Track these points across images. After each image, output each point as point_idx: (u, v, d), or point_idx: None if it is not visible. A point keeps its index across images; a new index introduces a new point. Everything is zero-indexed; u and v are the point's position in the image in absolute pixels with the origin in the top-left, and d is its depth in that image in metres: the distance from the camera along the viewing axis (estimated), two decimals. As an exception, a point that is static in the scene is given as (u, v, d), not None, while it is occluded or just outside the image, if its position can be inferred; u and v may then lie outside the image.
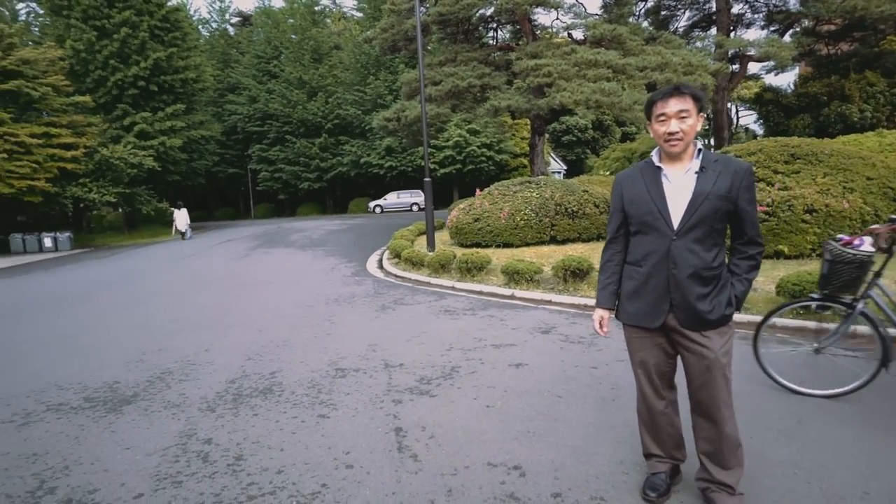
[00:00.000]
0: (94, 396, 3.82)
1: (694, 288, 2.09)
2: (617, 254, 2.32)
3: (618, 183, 2.29)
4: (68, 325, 6.34)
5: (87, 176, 19.93)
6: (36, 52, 19.39)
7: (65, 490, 2.57)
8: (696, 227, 2.08)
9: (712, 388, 2.13)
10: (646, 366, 2.27)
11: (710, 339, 2.11)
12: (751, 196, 2.13)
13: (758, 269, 2.20)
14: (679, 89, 2.09)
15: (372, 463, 2.72)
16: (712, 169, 2.11)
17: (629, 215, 2.23)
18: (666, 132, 2.08)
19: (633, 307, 2.23)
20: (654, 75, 15.90)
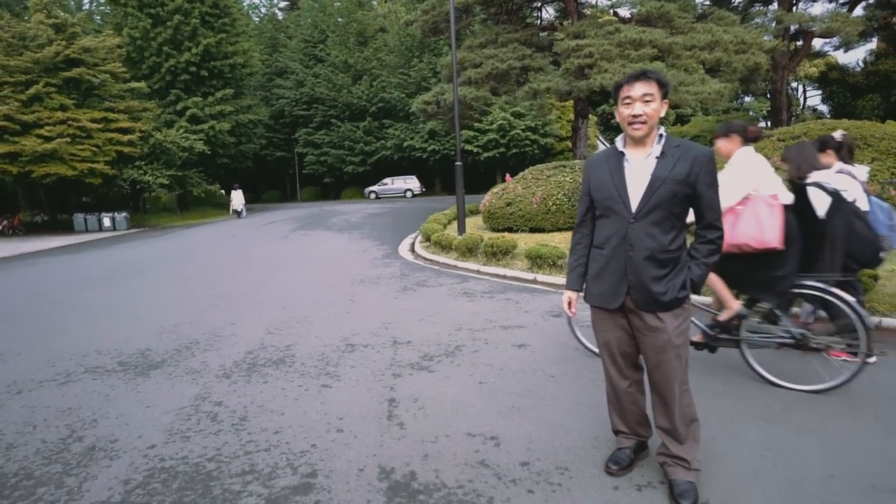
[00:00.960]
0: (127, 361, 4.21)
1: (650, 270, 2.14)
2: (585, 237, 2.38)
3: (586, 168, 2.35)
4: (117, 298, 6.89)
5: (143, 159, 21.09)
6: (96, 41, 20.53)
7: (91, 439, 2.91)
8: (653, 210, 2.13)
9: (666, 368, 2.19)
10: (609, 346, 2.35)
11: (664, 320, 2.17)
12: (710, 181, 2.15)
13: (717, 254, 2.22)
14: (645, 74, 2.14)
15: (361, 428, 2.92)
16: (672, 154, 2.15)
17: (594, 199, 2.29)
18: (630, 115, 2.12)
19: (597, 289, 2.30)
20: (703, 55, 15.23)
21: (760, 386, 3.31)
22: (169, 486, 2.42)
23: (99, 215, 20.21)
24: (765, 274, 3.25)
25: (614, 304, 2.24)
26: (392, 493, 2.31)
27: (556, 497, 2.25)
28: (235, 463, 2.60)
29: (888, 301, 4.95)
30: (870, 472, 2.34)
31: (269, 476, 2.47)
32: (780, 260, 3.20)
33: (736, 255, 3.28)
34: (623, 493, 2.26)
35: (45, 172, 18.50)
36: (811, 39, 21.38)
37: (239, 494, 2.34)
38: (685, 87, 14.26)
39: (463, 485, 2.36)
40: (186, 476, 2.50)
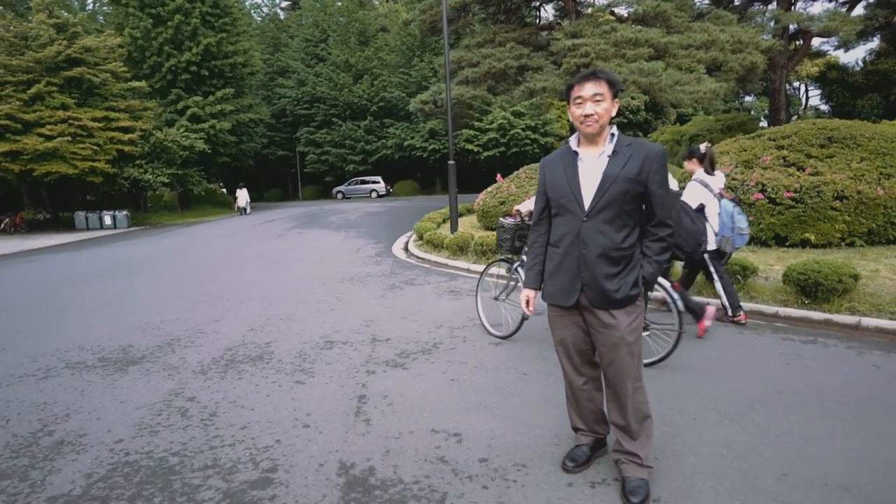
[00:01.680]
0: (107, 357, 4.25)
1: (602, 268, 2.16)
2: (542, 235, 2.39)
3: (541, 167, 2.37)
4: (108, 295, 6.94)
5: (143, 158, 21.19)
6: (97, 41, 20.64)
7: (60, 433, 2.94)
8: (605, 208, 2.15)
9: (619, 365, 2.21)
10: (565, 343, 2.37)
11: (617, 317, 2.18)
12: (661, 179, 2.17)
13: (668, 251, 2.24)
14: (595, 74, 2.16)
15: (327, 424, 2.95)
16: (623, 153, 2.16)
17: (549, 198, 2.31)
18: (582, 114, 2.14)
19: (552, 286, 2.32)
20: (699, 54, 15.21)
21: (728, 385, 3.32)
22: (130, 480, 2.45)
23: (100, 213, 20.33)
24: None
25: (569, 302, 2.26)
26: (348, 489, 2.33)
27: (509, 493, 2.27)
28: (199, 457, 2.63)
29: (869, 301, 4.94)
30: (825, 471, 2.35)
31: (230, 471, 2.51)
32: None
33: None
34: (576, 489, 2.28)
35: (47, 171, 18.62)
36: (810, 39, 21.29)
37: (198, 488, 2.37)
38: (681, 86, 14.25)
39: (419, 480, 2.38)
40: (149, 470, 2.53)
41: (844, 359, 3.76)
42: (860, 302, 4.93)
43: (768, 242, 7.66)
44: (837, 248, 7.26)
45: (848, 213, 7.12)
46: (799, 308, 4.98)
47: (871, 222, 7.13)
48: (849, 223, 7.14)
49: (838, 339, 4.23)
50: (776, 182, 7.51)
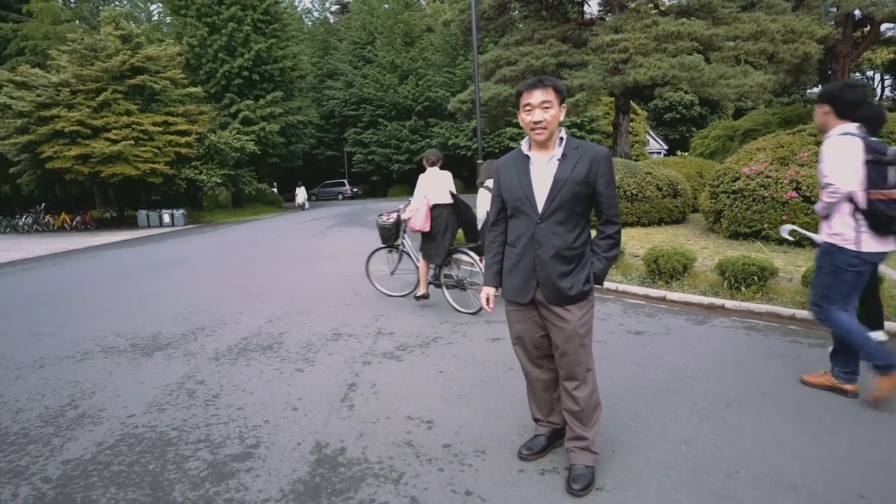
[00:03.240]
0: (137, 343, 4.68)
1: (556, 267, 2.26)
2: (499, 235, 2.49)
3: (496, 170, 2.47)
4: (153, 286, 7.53)
5: (199, 159, 22.44)
6: (158, 50, 22.01)
7: (84, 407, 3.32)
8: (557, 211, 2.25)
9: (572, 355, 2.31)
10: (521, 338, 2.48)
11: (570, 312, 2.29)
12: (608, 179, 2.26)
13: (617, 248, 2.34)
14: (542, 82, 2.25)
15: (313, 408, 3.18)
16: (572, 156, 2.26)
17: (505, 200, 2.40)
18: (531, 121, 2.24)
19: (510, 284, 2.42)
20: (747, 45, 14.61)
21: (712, 385, 3.32)
22: (133, 449, 2.77)
23: (159, 212, 21.72)
24: (426, 246, 5.48)
25: (525, 299, 2.36)
26: (317, 465, 2.54)
27: (461, 476, 2.41)
28: (195, 433, 2.92)
29: (893, 305, 4.73)
30: (779, 470, 2.36)
31: (219, 445, 2.78)
32: (433, 238, 5.39)
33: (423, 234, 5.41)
34: (526, 475, 2.40)
35: (112, 172, 20.05)
36: (878, 25, 19.93)
37: (187, 458, 2.65)
38: (725, 80, 13.75)
39: (382, 461, 2.56)
40: (150, 441, 2.84)
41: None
42: (886, 306, 4.71)
43: (802, 243, 7.34)
44: (877, 248, 6.87)
45: (889, 212, 6.73)
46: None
47: None
48: (890, 222, 6.74)
49: (851, 343, 4.08)
50: (811, 180, 7.20)
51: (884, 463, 2.39)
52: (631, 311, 5.25)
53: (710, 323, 4.77)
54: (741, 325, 4.68)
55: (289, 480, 2.42)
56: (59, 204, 26.25)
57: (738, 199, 8.10)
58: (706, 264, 6.64)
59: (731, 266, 5.49)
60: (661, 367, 3.65)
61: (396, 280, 6.24)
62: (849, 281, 2.97)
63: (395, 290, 6.19)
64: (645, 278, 6.30)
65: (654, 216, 10.84)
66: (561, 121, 2.27)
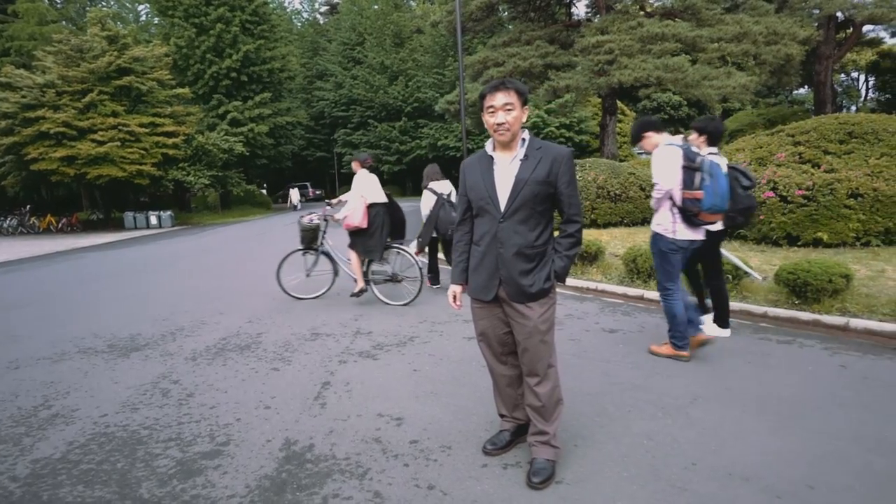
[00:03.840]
0: (115, 344, 4.69)
1: (518, 265, 2.31)
2: (466, 234, 2.53)
3: (462, 170, 2.51)
4: (136, 288, 7.51)
5: (186, 161, 22.36)
6: (145, 50, 21.92)
7: (57, 408, 3.33)
8: (518, 210, 2.29)
9: (534, 351, 2.36)
10: (486, 334, 2.52)
11: (532, 309, 2.34)
12: (568, 179, 2.31)
13: (578, 246, 2.39)
14: (504, 84, 2.28)
15: (286, 406, 3.21)
16: (534, 156, 2.30)
17: (470, 199, 2.45)
18: (494, 123, 2.28)
19: (475, 282, 2.46)
20: (730, 47, 14.81)
21: (679, 382, 3.39)
22: (103, 448, 2.78)
23: (146, 214, 21.59)
24: (364, 242, 5.80)
25: (489, 296, 2.41)
26: (285, 461, 2.58)
27: (425, 470, 2.46)
28: (166, 431, 2.95)
29: (863, 302, 4.83)
30: (735, 462, 2.42)
31: (189, 443, 2.80)
32: (371, 235, 5.75)
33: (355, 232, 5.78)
34: (488, 469, 2.45)
35: (98, 174, 19.94)
36: (860, 27, 20.26)
37: (157, 457, 2.67)
38: (708, 81, 13.92)
39: (349, 457, 2.60)
40: (120, 440, 2.86)
41: (814, 359, 3.74)
42: (854, 303, 4.83)
43: (779, 242, 7.48)
44: (852, 247, 7.02)
45: (863, 212, 6.87)
46: (789, 309, 4.91)
47: (889, 221, 6.86)
48: (864, 222, 6.89)
49: (819, 340, 4.18)
50: (788, 180, 7.33)
51: (835, 454, 2.46)
52: (608, 310, 5.32)
53: (684, 321, 4.84)
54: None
55: (255, 477, 2.45)
56: (45, 206, 25.99)
57: (718, 199, 8.20)
58: (684, 263, 6.73)
59: (707, 265, 5.58)
60: (632, 364, 3.72)
61: (311, 282, 6.24)
62: (672, 262, 3.72)
63: (308, 292, 6.23)
64: (624, 277, 6.38)
65: (638, 216, 10.95)
66: (523, 122, 2.32)
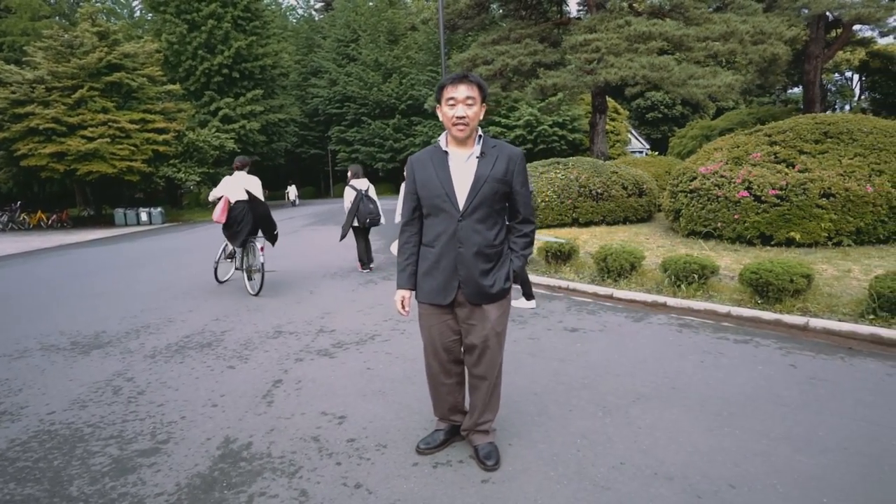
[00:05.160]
0: (78, 341, 4.69)
1: (478, 265, 2.28)
2: (413, 235, 2.44)
3: (410, 166, 2.44)
4: (112, 285, 7.50)
5: (177, 157, 22.30)
6: (136, 47, 21.83)
7: (7, 405, 3.34)
8: (478, 208, 2.26)
9: (490, 352, 2.39)
10: (433, 340, 2.46)
11: (490, 310, 2.35)
12: (523, 179, 2.34)
13: (532, 246, 2.43)
14: (467, 77, 2.25)
15: (233, 405, 3.23)
16: (490, 154, 2.29)
17: (421, 198, 2.37)
18: (454, 116, 2.22)
19: (428, 285, 2.38)
20: (716, 46, 14.78)
21: (626, 381, 3.42)
22: (43, 445, 2.80)
23: (137, 210, 21.55)
24: (229, 233, 6.66)
25: (447, 300, 2.33)
26: (220, 460, 2.59)
27: (357, 469, 2.47)
28: (109, 429, 2.96)
29: (825, 302, 4.87)
30: (662, 461, 2.45)
31: (129, 441, 2.81)
32: (233, 228, 6.53)
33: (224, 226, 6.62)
34: (418, 468, 2.46)
35: (88, 170, 19.88)
36: (850, 27, 20.27)
37: (94, 454, 2.68)
38: (694, 80, 13.92)
39: (285, 455, 2.62)
40: (62, 438, 2.87)
41: (765, 359, 3.76)
42: (816, 302, 4.86)
43: (753, 241, 7.51)
44: (824, 247, 7.06)
45: (835, 212, 6.91)
46: (752, 308, 4.94)
47: (860, 221, 6.89)
48: (835, 221, 6.93)
49: (776, 340, 4.22)
50: (762, 179, 7.36)
51: (763, 454, 2.49)
52: (574, 309, 5.34)
53: (647, 320, 4.88)
54: (676, 322, 4.80)
55: (188, 475, 2.46)
56: (38, 202, 25.91)
57: (695, 199, 8.25)
58: (659, 262, 6.76)
59: (674, 264, 5.61)
60: (584, 364, 3.74)
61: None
62: None
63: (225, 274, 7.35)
64: (595, 276, 6.40)
65: (620, 215, 10.98)
66: (481, 119, 2.31)
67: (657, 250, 7.80)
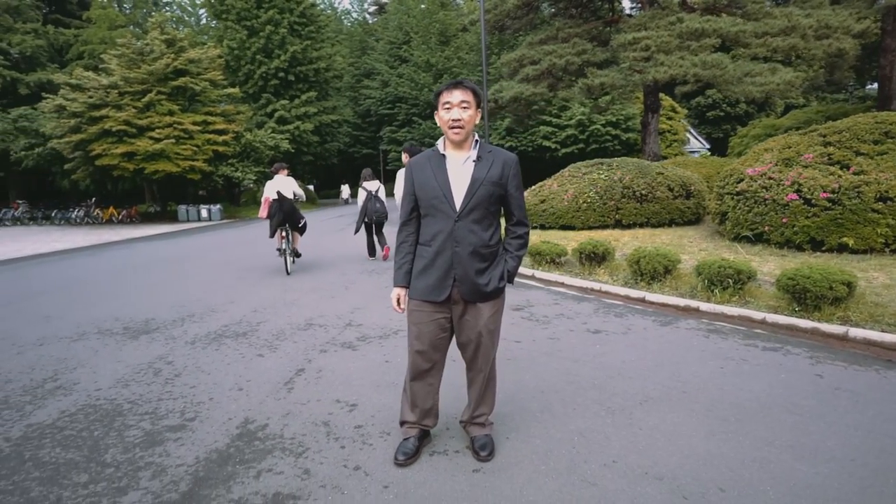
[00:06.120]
0: (130, 327, 5.12)
1: (474, 264, 2.38)
2: (410, 235, 2.53)
3: (409, 169, 2.54)
4: (167, 276, 8.07)
5: (235, 157, 23.44)
6: (200, 53, 23.12)
7: (62, 381, 3.72)
8: (474, 209, 2.37)
9: (484, 348, 2.50)
10: (422, 338, 2.51)
11: (483, 308, 2.45)
12: (518, 182, 2.44)
13: (526, 247, 2.52)
14: (462, 83, 2.36)
15: (257, 390, 3.46)
16: (486, 158, 2.40)
17: (419, 199, 2.46)
18: (450, 119, 2.33)
19: (422, 283, 2.46)
20: (776, 42, 14.10)
21: (637, 383, 3.41)
22: (88, 417, 3.12)
23: (198, 207, 22.84)
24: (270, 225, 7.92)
25: (441, 297, 2.41)
26: (237, 438, 2.81)
27: (359, 453, 2.62)
28: (145, 406, 3.25)
29: (869, 311, 4.63)
30: (655, 462, 2.46)
31: (161, 417, 3.09)
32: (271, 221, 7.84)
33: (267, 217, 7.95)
34: (416, 456, 2.58)
35: (155, 169, 21.24)
36: (933, 17, 18.71)
37: (129, 427, 2.97)
38: (750, 77, 13.34)
39: (295, 437, 2.80)
40: (104, 411, 3.19)
41: (791, 367, 3.65)
42: (858, 311, 4.63)
43: (802, 246, 7.16)
44: (881, 254, 6.64)
45: (892, 216, 6.49)
46: (788, 315, 4.76)
47: (918, 226, 6.44)
48: (893, 227, 6.50)
49: (809, 349, 4.06)
50: (813, 182, 7.01)
51: (762, 460, 2.45)
52: (602, 312, 5.31)
53: (675, 325, 4.80)
54: (705, 327, 4.69)
55: (207, 450, 2.69)
56: (111, 198, 27.88)
57: (741, 201, 7.94)
58: (694, 266, 6.59)
59: (707, 268, 5.46)
60: (598, 365, 3.75)
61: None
62: None
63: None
64: (629, 279, 6.32)
65: (665, 217, 10.68)
66: (476, 123, 2.42)
67: (699, 254, 7.58)
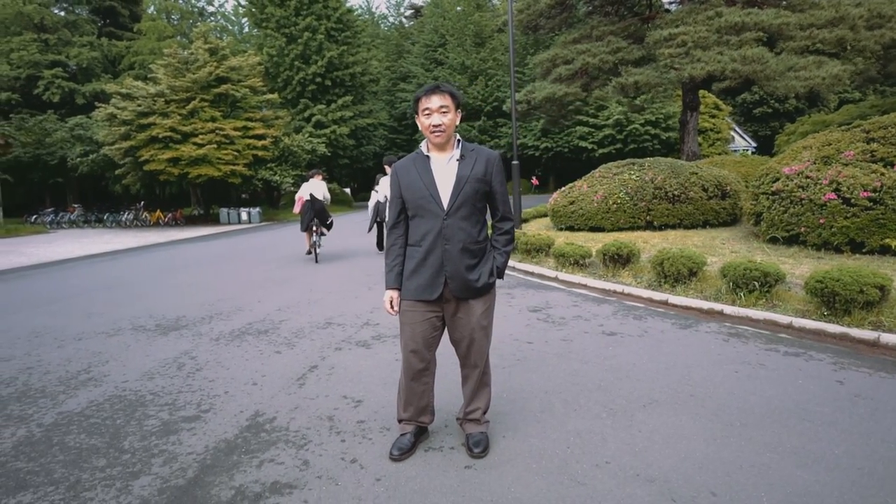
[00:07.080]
0: (161, 324, 5.39)
1: (464, 260, 2.44)
2: (399, 238, 2.58)
3: (394, 172, 2.62)
4: (201, 277, 8.43)
5: (273, 161, 24.15)
6: (241, 60, 23.95)
7: (94, 373, 3.97)
8: (461, 206, 2.43)
9: (477, 344, 2.56)
10: (415, 337, 2.55)
11: (475, 304, 2.51)
12: (501, 178, 2.51)
13: (513, 243, 2.58)
14: (440, 87, 2.43)
15: (270, 385, 3.60)
16: (469, 156, 2.47)
17: (406, 200, 2.53)
18: (430, 124, 2.40)
19: (413, 283, 2.51)
20: (822, 34, 13.51)
21: (647, 385, 3.37)
22: (113, 407, 3.32)
23: (238, 210, 23.65)
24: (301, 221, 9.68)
25: (434, 296, 2.47)
26: (245, 429, 2.94)
27: (358, 447, 2.70)
28: (166, 398, 3.44)
29: (903, 315, 4.40)
30: (649, 464, 2.43)
31: (179, 408, 3.26)
32: (303, 217, 9.56)
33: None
34: (412, 451, 2.65)
35: (198, 174, 22.13)
36: None
37: (149, 417, 3.15)
38: (794, 72, 12.81)
39: (300, 430, 2.91)
40: (128, 402, 3.39)
41: (811, 373, 3.52)
42: (893, 316, 4.42)
43: (841, 248, 6.85)
44: (926, 256, 6.28)
45: (939, 216, 6.13)
46: (816, 320, 4.59)
47: (971, 227, 6.06)
48: (940, 228, 6.14)
49: (834, 354, 3.91)
50: (853, 180, 6.70)
51: (762, 466, 2.39)
52: (622, 313, 5.25)
53: (695, 328, 4.69)
54: (726, 331, 4.57)
55: (216, 440, 2.83)
56: (159, 202, 29.20)
57: (777, 202, 7.66)
58: (722, 268, 6.40)
59: (733, 270, 5.32)
60: (606, 367, 3.72)
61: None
62: None
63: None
64: (652, 281, 6.21)
65: (699, 218, 10.39)
66: (457, 125, 2.48)
67: (729, 256, 7.35)
